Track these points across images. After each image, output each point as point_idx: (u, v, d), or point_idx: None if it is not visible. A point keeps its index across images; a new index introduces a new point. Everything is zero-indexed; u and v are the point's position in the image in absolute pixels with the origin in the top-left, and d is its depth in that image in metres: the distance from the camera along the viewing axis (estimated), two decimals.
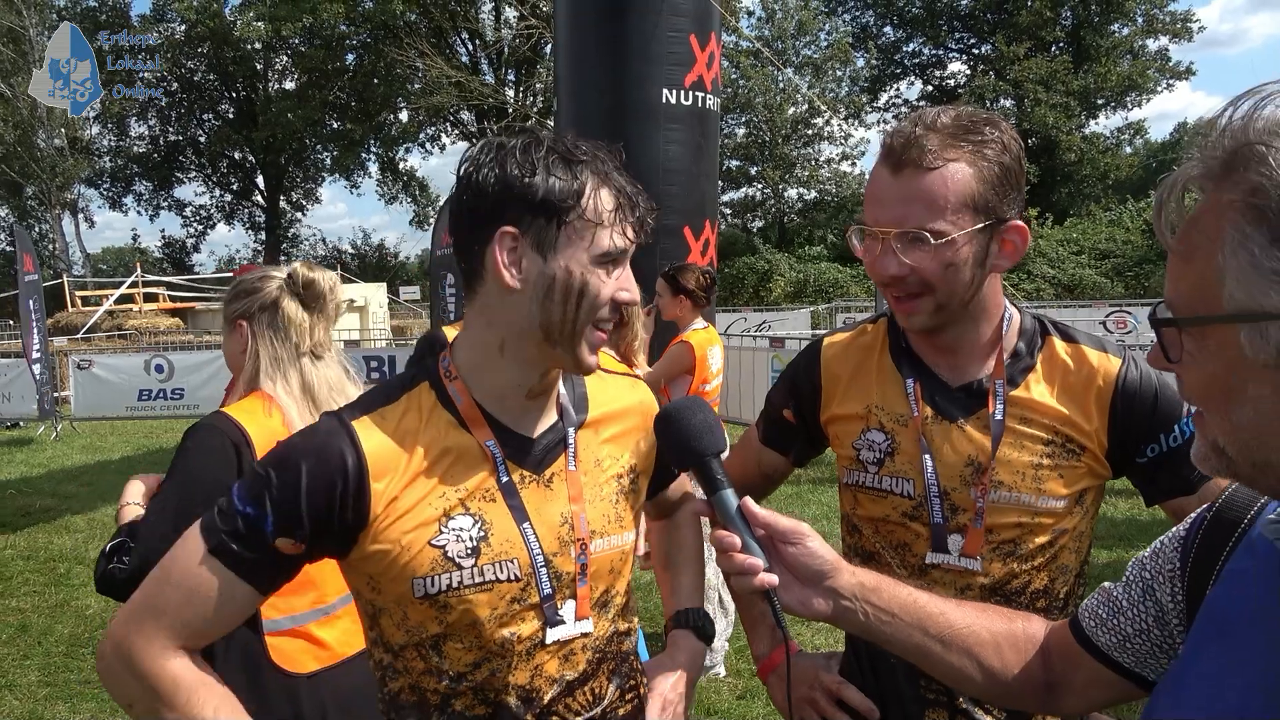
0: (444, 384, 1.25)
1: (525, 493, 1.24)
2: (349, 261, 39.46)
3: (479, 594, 1.19)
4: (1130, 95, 34.38)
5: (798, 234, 35.11)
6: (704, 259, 7.01)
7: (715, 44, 7.20)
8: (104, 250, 54.11)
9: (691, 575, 1.56)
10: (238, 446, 1.88)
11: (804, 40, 34.67)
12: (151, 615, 1.16)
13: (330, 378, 2.08)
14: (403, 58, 27.55)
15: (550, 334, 1.19)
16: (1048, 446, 1.39)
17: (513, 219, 1.16)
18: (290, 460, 1.16)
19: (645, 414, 1.41)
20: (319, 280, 2.07)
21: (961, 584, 1.40)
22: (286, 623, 1.98)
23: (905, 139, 1.30)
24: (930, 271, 1.32)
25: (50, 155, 32.31)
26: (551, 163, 1.16)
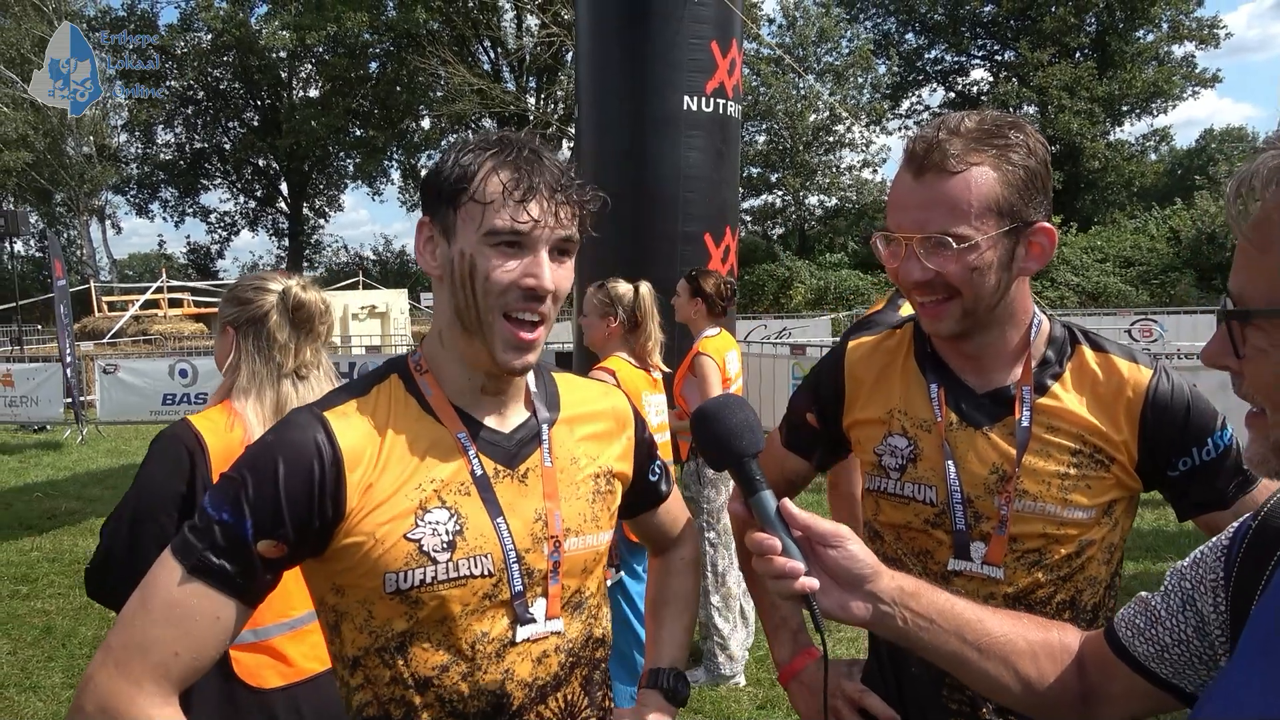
0: (414, 377, 1.25)
1: (499, 487, 1.22)
2: (370, 268, 39.72)
3: (452, 589, 1.16)
4: (1156, 102, 34.06)
5: (818, 241, 34.99)
6: (724, 266, 7.00)
7: (736, 51, 7.20)
8: (130, 256, 54.88)
9: (676, 630, 1.53)
10: (193, 455, 1.89)
11: (825, 47, 34.60)
12: (138, 654, 1.06)
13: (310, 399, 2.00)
14: (425, 65, 27.74)
15: (463, 322, 1.20)
16: (1075, 456, 1.36)
17: (428, 208, 1.22)
18: (264, 458, 1.13)
19: (620, 420, 1.40)
20: (310, 303, 2.05)
21: (984, 593, 1.37)
22: (249, 636, 1.92)
23: (928, 144, 1.29)
24: (955, 276, 1.30)
25: (79, 162, 32.79)
26: (462, 152, 1.18)
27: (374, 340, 17.64)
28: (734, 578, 4.34)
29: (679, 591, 1.56)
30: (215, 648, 1.11)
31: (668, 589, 1.57)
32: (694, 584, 1.59)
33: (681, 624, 1.54)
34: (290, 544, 1.12)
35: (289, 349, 2.03)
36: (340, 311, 20.11)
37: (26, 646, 4.95)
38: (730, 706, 4.08)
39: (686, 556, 1.59)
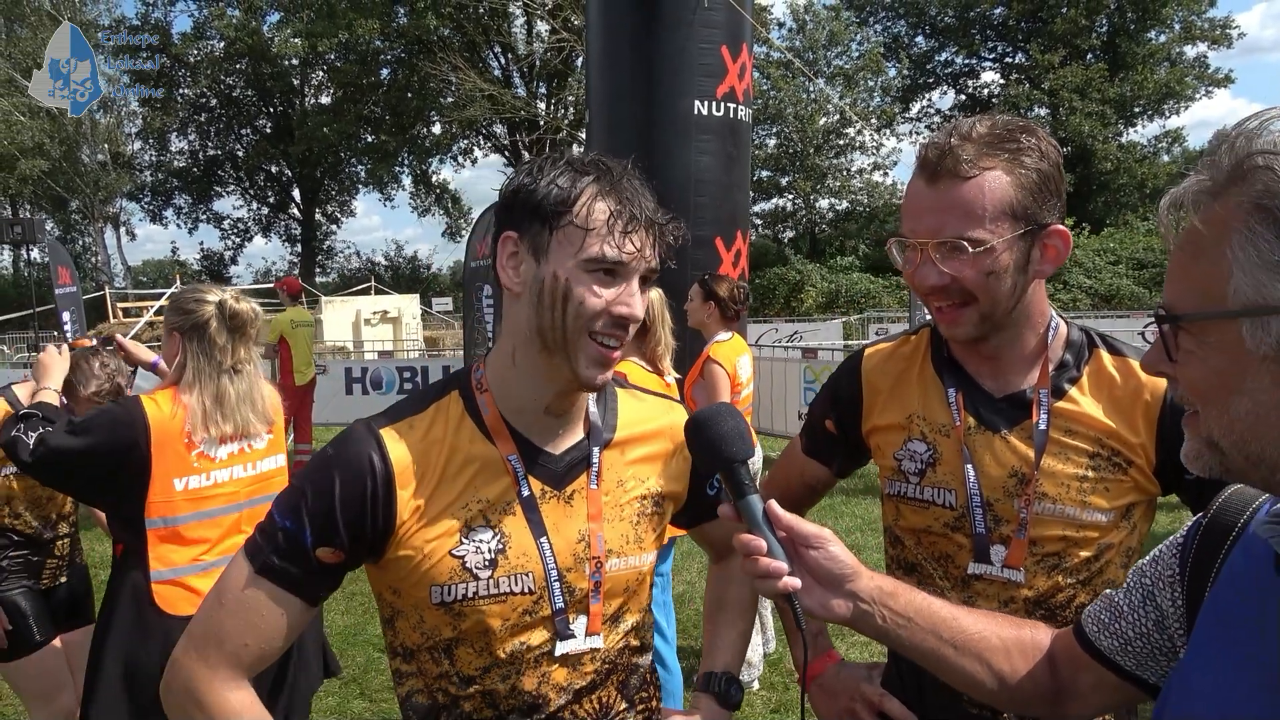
0: (474, 395, 1.28)
1: (545, 508, 1.26)
2: (382, 273, 39.89)
3: (493, 604, 1.22)
4: (1168, 103, 33.90)
5: (829, 244, 34.94)
6: (736, 270, 7.01)
7: (747, 55, 7.21)
8: (144, 263, 55.18)
9: (732, 634, 1.55)
10: (137, 425, 2.37)
11: (835, 51, 34.59)
12: (214, 644, 1.19)
13: (242, 390, 2.51)
14: (436, 72, 27.86)
15: (545, 340, 1.21)
16: (1093, 460, 1.37)
17: (515, 224, 1.21)
18: (323, 472, 1.20)
19: (677, 438, 1.40)
20: (243, 312, 2.51)
21: (1004, 596, 1.38)
22: (169, 574, 2.42)
23: (940, 150, 1.30)
24: (971, 280, 1.31)
25: (94, 170, 33.07)
26: (558, 173, 1.19)
27: (386, 345, 17.70)
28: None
29: (736, 598, 1.58)
30: (282, 639, 1.22)
31: (726, 595, 1.59)
32: (752, 591, 1.59)
33: (737, 629, 1.56)
34: (347, 551, 1.20)
35: (226, 349, 2.48)
36: (353, 317, 20.20)
37: None
38: (744, 711, 4.08)
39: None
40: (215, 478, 2.50)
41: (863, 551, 6.44)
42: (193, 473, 2.45)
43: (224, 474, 2.52)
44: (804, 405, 10.15)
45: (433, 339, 21.41)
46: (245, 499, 2.56)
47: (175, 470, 2.42)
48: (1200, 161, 0.84)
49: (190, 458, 2.44)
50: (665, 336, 3.83)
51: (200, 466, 2.46)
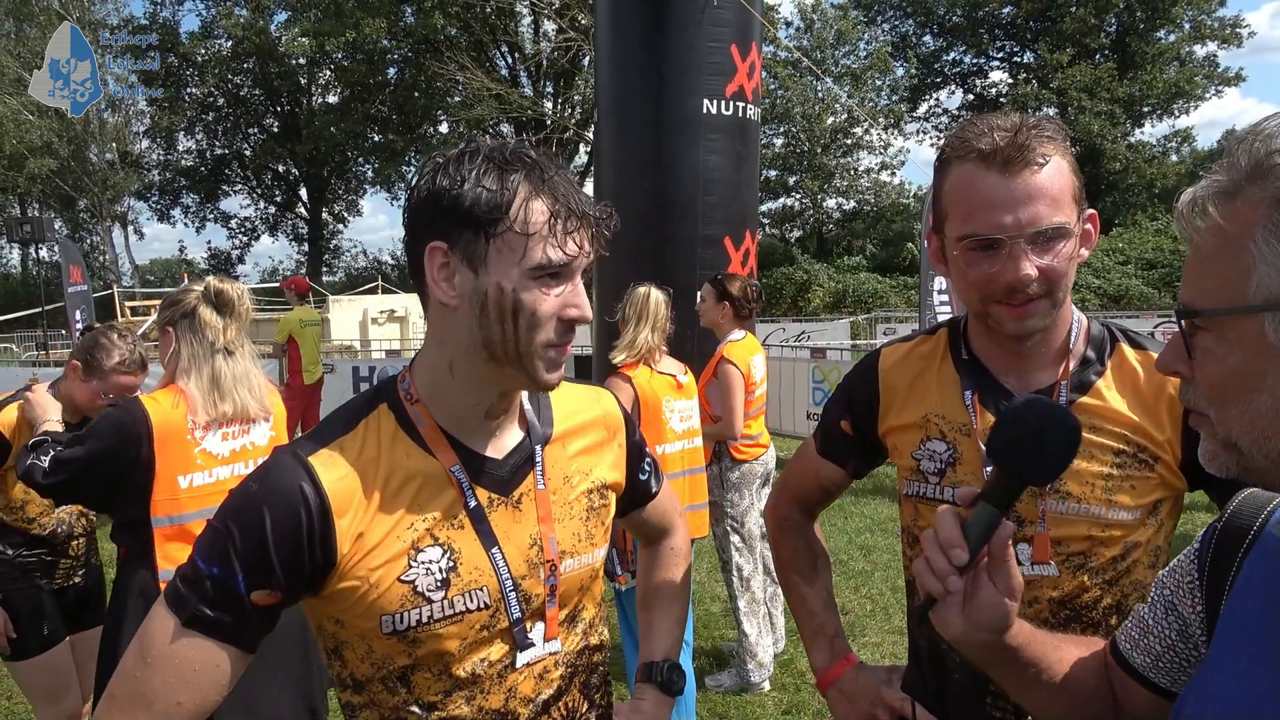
0: (404, 406, 1.20)
1: (494, 516, 1.19)
2: (389, 272, 39.95)
3: (449, 625, 1.15)
4: (1177, 102, 33.77)
5: (836, 244, 34.90)
6: (744, 269, 6.98)
7: (756, 54, 7.19)
8: (151, 262, 55.36)
9: (668, 620, 1.52)
10: (138, 425, 2.36)
11: (843, 50, 34.53)
12: (141, 706, 1.07)
13: (238, 372, 2.52)
14: (443, 71, 27.85)
15: (494, 353, 1.14)
16: (1118, 457, 1.35)
17: (441, 233, 1.11)
18: (249, 508, 1.10)
19: (610, 427, 1.38)
20: (228, 290, 2.52)
21: (1029, 596, 1.36)
22: (166, 522, 2.42)
23: (1008, 140, 1.27)
24: (1058, 269, 1.29)
25: (101, 169, 33.17)
26: (482, 172, 1.09)
27: (393, 344, 17.72)
28: (758, 582, 4.32)
29: (668, 582, 1.56)
30: (217, 692, 1.11)
31: (657, 580, 1.56)
32: (683, 573, 1.58)
33: (672, 615, 1.54)
34: (284, 591, 1.10)
35: (218, 329, 2.49)
36: (360, 316, 20.22)
37: None
38: (755, 711, 4.06)
39: (676, 546, 1.58)
40: (218, 474, 2.49)
41: (872, 552, 6.41)
42: (196, 469, 2.45)
43: (226, 470, 2.51)
44: (813, 405, 10.12)
45: None
46: None
47: (179, 467, 2.42)
48: (1215, 164, 0.84)
49: (194, 454, 2.44)
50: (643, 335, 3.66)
51: (204, 463, 2.46)
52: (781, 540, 1.72)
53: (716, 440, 4.20)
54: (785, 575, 1.70)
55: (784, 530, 1.72)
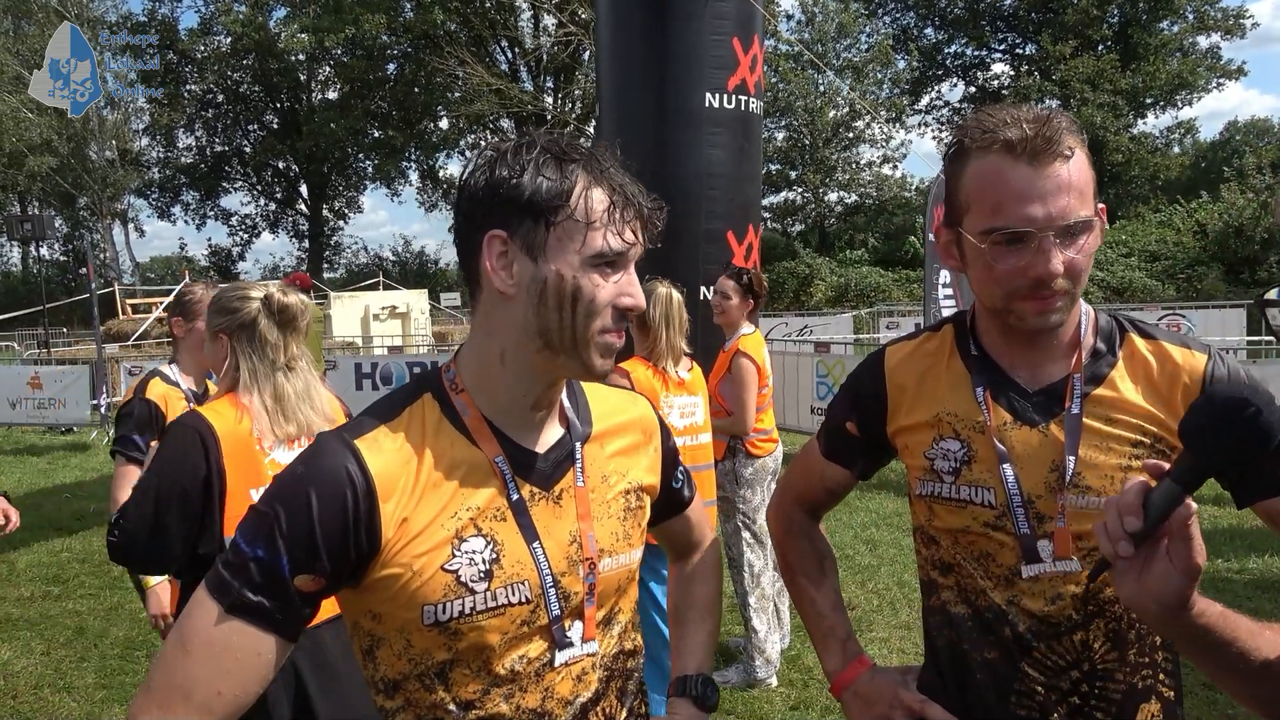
0: (449, 396, 1.19)
1: (535, 510, 1.18)
2: (390, 269, 39.92)
3: (491, 619, 1.13)
4: (1180, 94, 33.67)
5: (838, 238, 34.85)
6: (748, 263, 6.95)
7: (758, 47, 7.14)
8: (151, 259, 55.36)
9: (700, 635, 1.51)
10: (205, 440, 2.19)
11: (845, 43, 34.44)
12: (180, 697, 1.05)
13: (299, 388, 2.35)
14: (443, 66, 27.81)
15: (549, 341, 1.14)
16: (1136, 448, 1.32)
17: (501, 221, 1.11)
18: (295, 491, 1.09)
19: (647, 430, 1.37)
20: (292, 305, 2.36)
21: (1052, 593, 1.33)
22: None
23: (1037, 130, 1.24)
24: (1081, 264, 1.27)
25: (101, 167, 33.19)
26: (541, 163, 1.11)
27: (395, 341, 17.71)
28: (769, 578, 4.30)
29: (701, 597, 1.54)
30: (258, 683, 1.09)
31: (690, 595, 1.55)
32: (716, 589, 1.56)
33: (706, 629, 1.52)
34: (328, 576, 1.09)
35: (279, 346, 2.33)
36: (361, 312, 20.22)
37: (59, 647, 4.97)
38: (763, 708, 4.04)
39: (709, 561, 1.57)
40: None
41: (878, 546, 6.39)
42: (266, 481, 2.24)
43: None
44: (817, 400, 10.09)
45: (441, 334, 21.42)
46: None
47: (250, 480, 2.26)
48: None
49: (264, 465, 2.28)
50: (670, 338, 3.72)
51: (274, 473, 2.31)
52: (787, 543, 1.69)
53: (730, 435, 4.17)
54: (792, 578, 1.67)
55: (789, 533, 1.69)
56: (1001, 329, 1.38)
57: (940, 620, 1.45)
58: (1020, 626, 1.35)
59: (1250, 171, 26.67)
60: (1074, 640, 1.33)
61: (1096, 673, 1.32)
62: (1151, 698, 1.35)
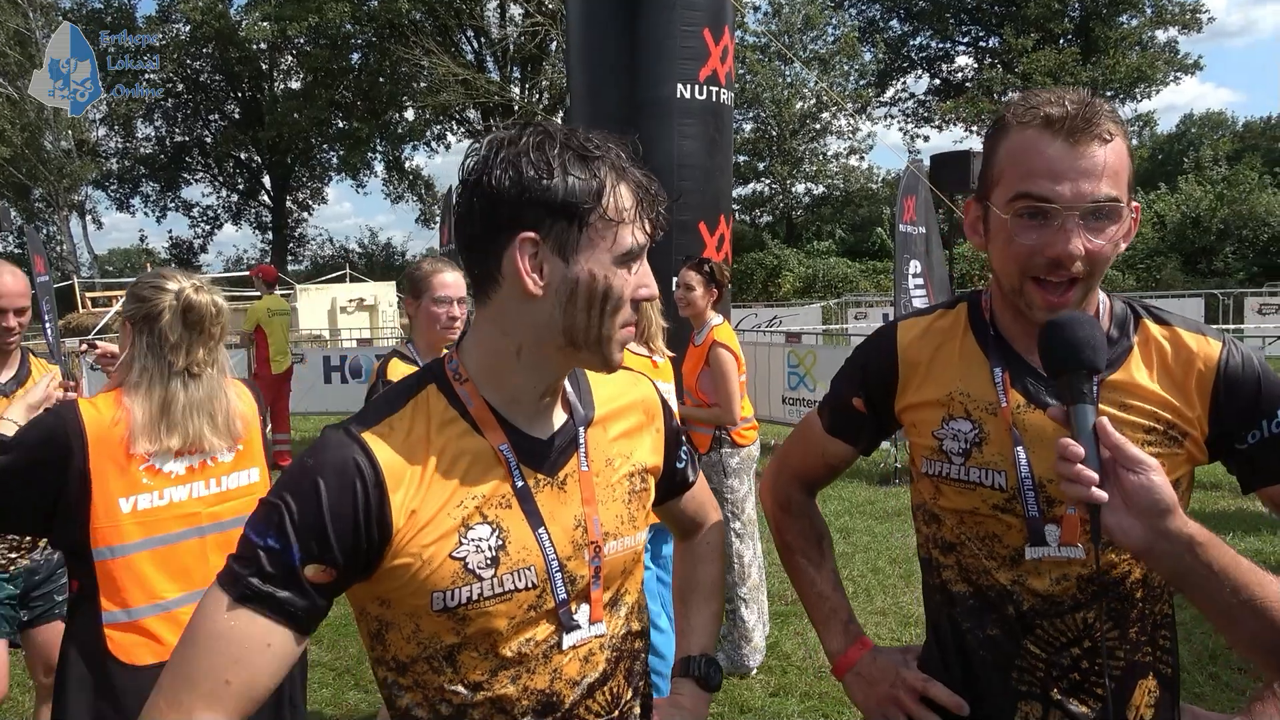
0: (453, 387, 1.20)
1: (540, 496, 1.20)
2: (357, 260, 39.49)
3: (498, 604, 1.15)
4: (1139, 87, 34.20)
5: (806, 229, 35.04)
6: (719, 254, 6.96)
7: (729, 38, 7.15)
8: (110, 252, 54.33)
9: (705, 616, 1.53)
10: (69, 434, 2.00)
11: (811, 35, 34.55)
12: (186, 686, 1.04)
13: (196, 398, 2.12)
14: (408, 56, 27.53)
15: (574, 338, 1.16)
16: (1149, 434, 1.33)
17: (532, 223, 1.10)
18: (305, 481, 1.09)
19: (649, 411, 1.38)
20: (201, 305, 2.12)
21: (1058, 574, 1.35)
22: (123, 616, 2.04)
23: (1079, 109, 1.24)
24: (1104, 252, 1.27)
25: (57, 157, 32.40)
26: (568, 160, 1.10)
27: (364, 333, 17.53)
28: (757, 568, 4.33)
29: (706, 577, 1.56)
30: (269, 676, 1.07)
31: (695, 576, 1.56)
32: (720, 569, 1.58)
33: (710, 610, 1.54)
34: (339, 568, 1.09)
35: (180, 348, 2.10)
36: (328, 304, 19.98)
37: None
38: (743, 694, 4.07)
39: (713, 542, 1.58)
40: (170, 495, 2.10)
41: (852, 534, 6.45)
42: (142, 490, 2.06)
43: (180, 491, 2.12)
44: (788, 389, 10.14)
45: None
46: (208, 522, 2.17)
47: (120, 488, 2.04)
48: None
49: (138, 472, 2.06)
50: (656, 318, 3.79)
51: (151, 483, 2.07)
52: (785, 522, 1.69)
53: (716, 426, 4.17)
54: (791, 558, 1.68)
55: (787, 511, 1.69)
56: (1017, 312, 1.38)
57: (941, 598, 1.47)
58: (1024, 605, 1.36)
59: (1207, 164, 27.21)
60: (1076, 618, 1.35)
61: (1098, 650, 1.34)
62: (1150, 675, 1.37)
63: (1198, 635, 4.22)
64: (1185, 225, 25.06)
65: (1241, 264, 24.63)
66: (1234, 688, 3.89)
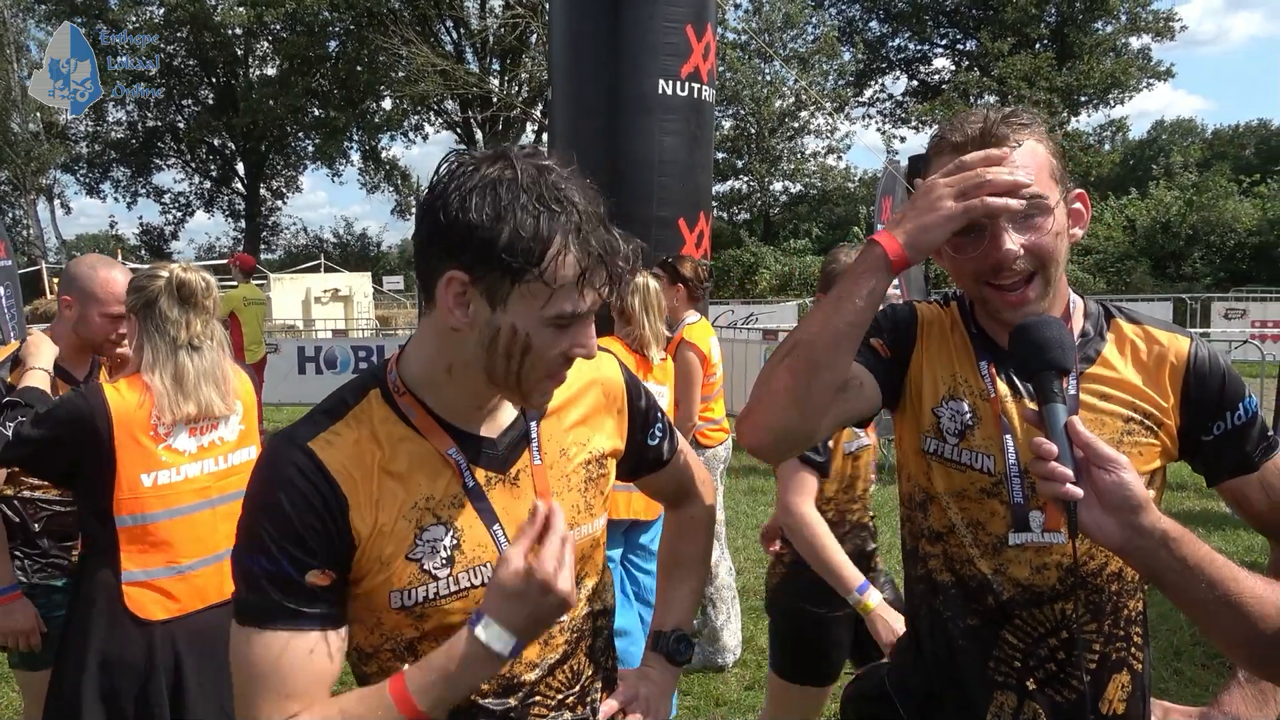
0: (394, 398, 1.21)
1: (493, 494, 1.22)
2: (331, 251, 39.14)
3: (455, 601, 1.18)
4: (1113, 93, 34.64)
5: (782, 227, 35.17)
6: (699, 251, 6.98)
7: (711, 35, 7.16)
8: (78, 237, 53.44)
9: (683, 590, 1.55)
10: (96, 416, 2.22)
11: (791, 33, 34.66)
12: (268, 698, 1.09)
13: (203, 367, 2.37)
14: (387, 45, 27.26)
15: (494, 378, 1.17)
16: (1127, 424, 1.40)
17: (467, 264, 1.09)
18: (267, 499, 1.12)
19: (610, 391, 1.39)
20: (191, 281, 2.36)
21: (1038, 563, 1.39)
22: (141, 575, 2.28)
23: (979, 129, 1.33)
24: (1045, 244, 1.33)
25: (25, 139, 31.77)
26: (520, 210, 1.06)
27: (338, 324, 17.39)
28: (726, 569, 4.36)
29: (687, 553, 1.57)
30: (322, 683, 1.12)
31: (677, 550, 1.58)
32: (703, 545, 1.59)
33: (689, 586, 1.56)
34: (332, 567, 1.12)
35: (180, 323, 2.34)
36: (303, 295, 19.80)
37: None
38: (718, 688, 4.11)
39: (696, 516, 1.59)
40: (185, 472, 2.35)
41: None
42: (161, 467, 2.30)
43: (194, 468, 2.36)
44: None
45: (385, 317, 21.11)
46: (217, 494, 2.41)
47: (143, 464, 2.28)
48: None
49: (157, 451, 2.29)
50: (652, 324, 3.77)
51: (169, 460, 2.31)
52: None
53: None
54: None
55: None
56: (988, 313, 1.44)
57: (925, 588, 1.51)
58: (1005, 595, 1.41)
59: (1177, 170, 27.63)
60: (1054, 609, 1.39)
61: (1074, 642, 1.39)
62: (1123, 669, 1.42)
63: (1163, 632, 4.32)
64: (1155, 230, 25.46)
65: (1209, 269, 25.07)
66: (1198, 683, 3.99)
